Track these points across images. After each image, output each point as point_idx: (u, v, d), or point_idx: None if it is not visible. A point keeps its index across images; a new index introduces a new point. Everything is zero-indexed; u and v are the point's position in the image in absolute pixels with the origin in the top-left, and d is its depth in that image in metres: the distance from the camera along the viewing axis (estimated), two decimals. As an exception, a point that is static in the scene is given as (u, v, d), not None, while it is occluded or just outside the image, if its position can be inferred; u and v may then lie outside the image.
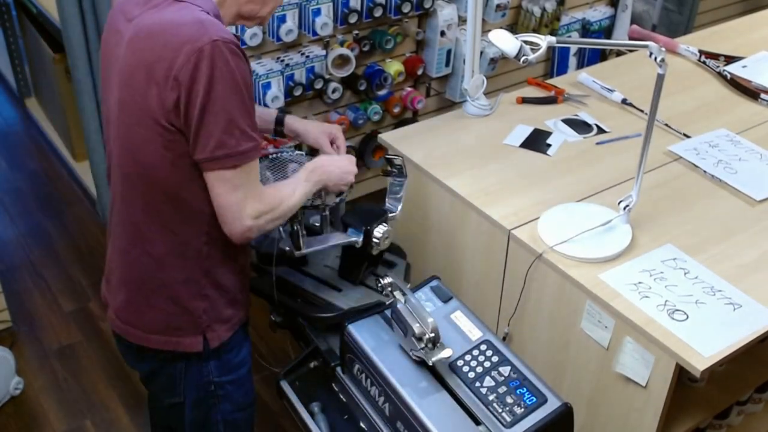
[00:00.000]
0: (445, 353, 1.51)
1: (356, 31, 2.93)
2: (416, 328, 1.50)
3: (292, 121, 1.93)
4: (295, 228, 1.71)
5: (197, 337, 1.64)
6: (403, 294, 1.57)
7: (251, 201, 1.49)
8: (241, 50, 1.44)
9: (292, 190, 1.61)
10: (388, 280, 1.60)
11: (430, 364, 1.52)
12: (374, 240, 1.74)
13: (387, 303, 1.68)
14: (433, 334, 1.49)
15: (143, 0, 1.49)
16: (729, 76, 2.54)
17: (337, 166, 1.74)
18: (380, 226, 1.75)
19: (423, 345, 1.50)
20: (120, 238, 1.62)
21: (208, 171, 1.47)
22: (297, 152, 1.93)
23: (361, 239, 1.74)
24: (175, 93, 1.40)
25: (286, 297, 1.82)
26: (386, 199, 1.88)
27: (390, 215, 1.81)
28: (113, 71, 1.52)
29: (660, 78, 1.71)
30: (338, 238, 1.76)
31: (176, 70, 1.39)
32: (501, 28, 1.84)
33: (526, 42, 1.74)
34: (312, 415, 1.70)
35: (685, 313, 1.69)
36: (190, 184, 1.50)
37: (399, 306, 1.55)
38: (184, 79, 1.39)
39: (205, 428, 1.76)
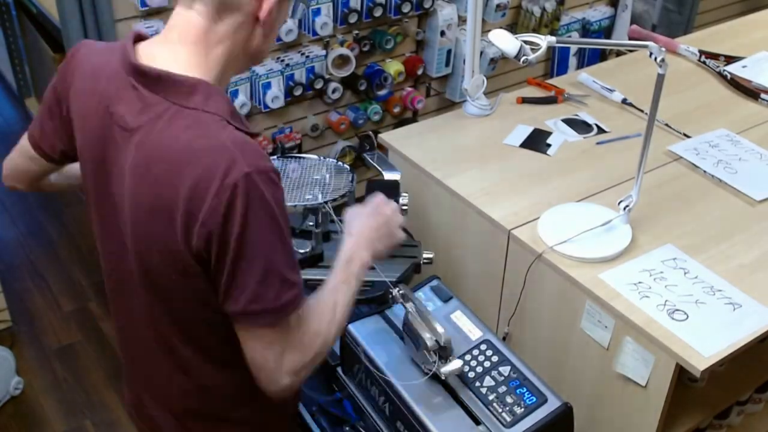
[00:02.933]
0: (455, 365, 1.47)
1: (356, 31, 2.93)
2: (428, 340, 1.45)
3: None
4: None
5: None
6: (415, 305, 1.52)
7: (290, 354, 1.21)
8: (275, 172, 1.15)
9: (333, 314, 1.28)
10: (400, 291, 1.55)
11: (443, 378, 1.49)
12: (402, 209, 1.75)
13: (420, 263, 1.77)
14: (446, 347, 1.47)
15: (138, 102, 1.18)
16: (729, 76, 2.54)
17: (379, 233, 1.44)
18: (402, 194, 1.78)
19: (436, 358, 1.48)
20: (159, 372, 1.37)
21: (239, 324, 1.20)
22: (308, 156, 1.93)
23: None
24: (203, 239, 1.13)
25: None
26: (384, 172, 1.91)
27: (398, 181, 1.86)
28: (116, 185, 1.23)
29: (660, 78, 1.71)
30: None
31: (204, 214, 1.11)
32: (501, 28, 1.84)
33: (526, 42, 1.74)
34: (313, 416, 1.71)
35: (685, 313, 1.69)
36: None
37: (410, 318, 1.51)
38: (214, 225, 1.11)
39: None
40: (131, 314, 1.35)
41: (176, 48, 1.19)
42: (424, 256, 1.86)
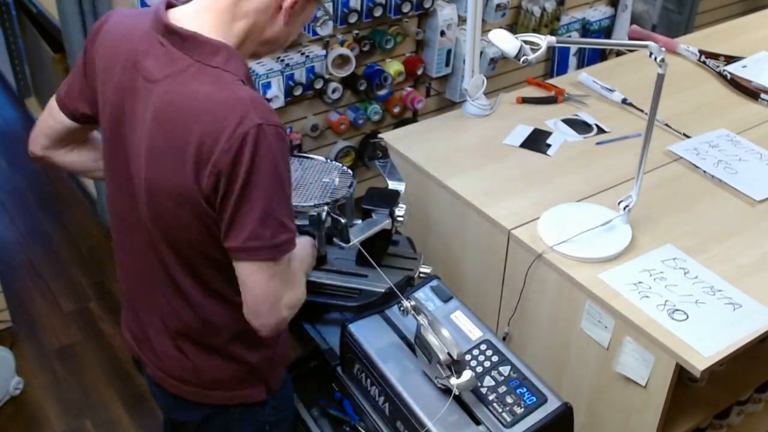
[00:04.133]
0: (466, 376, 1.45)
1: (356, 31, 2.93)
2: (441, 356, 1.44)
3: None
4: (343, 221, 1.71)
5: (260, 386, 1.57)
6: (427, 318, 1.50)
7: (287, 289, 1.39)
8: (283, 129, 1.31)
9: (302, 272, 1.54)
10: (411, 303, 1.53)
11: (457, 393, 1.46)
12: (397, 219, 1.75)
13: (414, 276, 1.76)
14: (459, 361, 1.45)
15: (164, 57, 1.32)
16: (729, 76, 2.54)
17: (312, 256, 1.71)
18: (399, 205, 1.76)
19: (449, 372, 1.46)
20: (159, 297, 1.50)
21: (239, 261, 1.35)
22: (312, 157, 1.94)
23: (390, 221, 1.75)
24: (213, 179, 1.27)
25: (313, 296, 1.79)
26: (389, 181, 1.88)
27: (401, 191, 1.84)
28: (131, 132, 1.38)
29: (660, 78, 1.71)
30: (379, 223, 1.76)
31: (216, 156, 1.25)
32: (501, 28, 1.84)
33: (526, 42, 1.74)
34: (315, 419, 1.71)
35: (685, 313, 1.69)
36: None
37: (422, 331, 1.48)
38: (224, 166, 1.26)
39: None
40: (134, 250, 1.50)
41: (204, 14, 1.33)
42: (421, 270, 1.85)
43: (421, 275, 1.85)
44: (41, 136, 1.57)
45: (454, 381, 1.45)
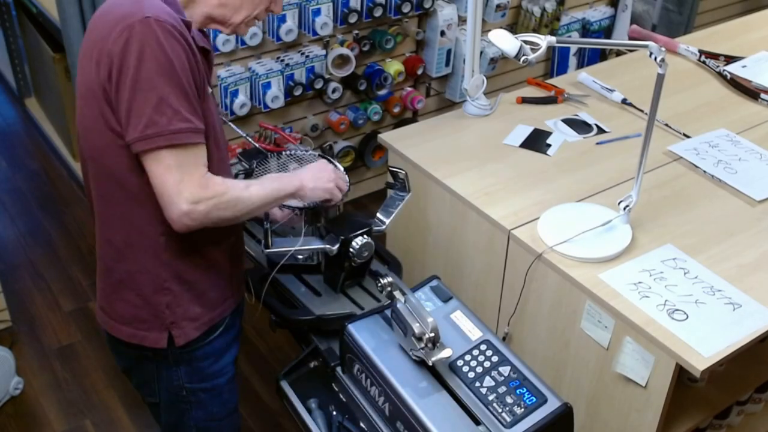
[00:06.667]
0: (445, 353, 1.51)
1: (356, 31, 2.93)
2: (416, 327, 1.50)
3: None
4: (266, 226, 1.66)
5: (162, 333, 1.60)
6: (403, 294, 1.57)
7: (190, 184, 1.41)
8: (179, 32, 1.40)
9: (246, 185, 1.52)
10: (388, 279, 1.60)
11: (430, 364, 1.52)
12: (351, 251, 1.71)
13: (357, 315, 1.68)
14: (432, 334, 1.49)
15: None
16: (729, 76, 2.54)
17: (319, 174, 1.66)
18: (359, 237, 1.71)
19: (423, 345, 1.50)
20: (95, 227, 1.63)
21: (143, 154, 1.41)
22: (310, 152, 1.92)
23: (336, 248, 1.69)
24: (107, 69, 1.39)
25: (269, 295, 1.79)
26: (379, 211, 1.84)
27: (375, 228, 1.76)
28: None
29: (660, 78, 1.71)
30: (311, 243, 1.72)
31: (109, 46, 1.38)
32: (501, 28, 1.84)
33: (526, 42, 1.74)
34: (309, 411, 1.71)
35: (685, 313, 1.69)
36: (138, 169, 1.45)
37: (399, 306, 1.55)
38: (115, 56, 1.37)
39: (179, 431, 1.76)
40: (88, 188, 1.61)
41: None
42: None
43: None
44: None
45: (431, 354, 1.50)
